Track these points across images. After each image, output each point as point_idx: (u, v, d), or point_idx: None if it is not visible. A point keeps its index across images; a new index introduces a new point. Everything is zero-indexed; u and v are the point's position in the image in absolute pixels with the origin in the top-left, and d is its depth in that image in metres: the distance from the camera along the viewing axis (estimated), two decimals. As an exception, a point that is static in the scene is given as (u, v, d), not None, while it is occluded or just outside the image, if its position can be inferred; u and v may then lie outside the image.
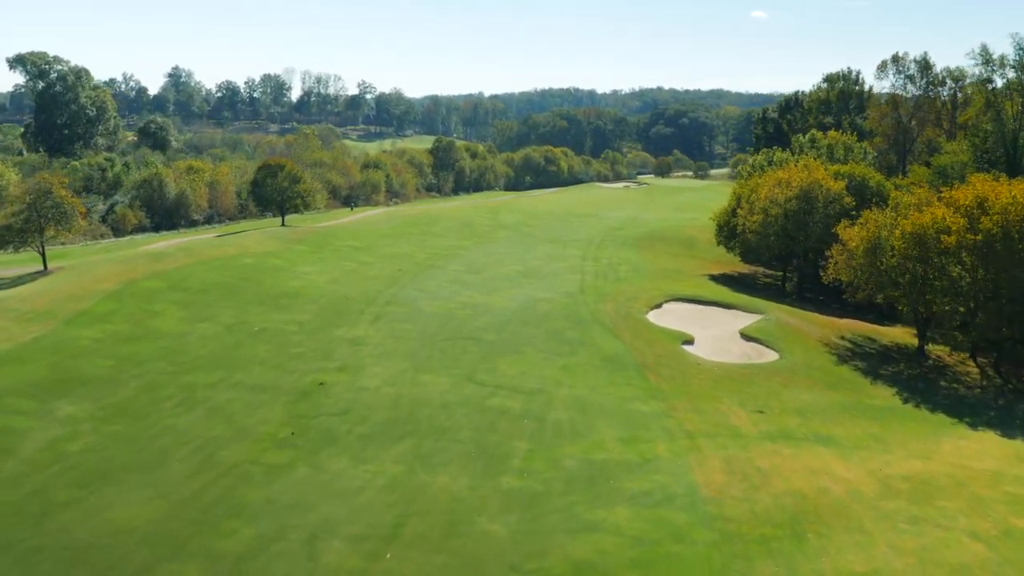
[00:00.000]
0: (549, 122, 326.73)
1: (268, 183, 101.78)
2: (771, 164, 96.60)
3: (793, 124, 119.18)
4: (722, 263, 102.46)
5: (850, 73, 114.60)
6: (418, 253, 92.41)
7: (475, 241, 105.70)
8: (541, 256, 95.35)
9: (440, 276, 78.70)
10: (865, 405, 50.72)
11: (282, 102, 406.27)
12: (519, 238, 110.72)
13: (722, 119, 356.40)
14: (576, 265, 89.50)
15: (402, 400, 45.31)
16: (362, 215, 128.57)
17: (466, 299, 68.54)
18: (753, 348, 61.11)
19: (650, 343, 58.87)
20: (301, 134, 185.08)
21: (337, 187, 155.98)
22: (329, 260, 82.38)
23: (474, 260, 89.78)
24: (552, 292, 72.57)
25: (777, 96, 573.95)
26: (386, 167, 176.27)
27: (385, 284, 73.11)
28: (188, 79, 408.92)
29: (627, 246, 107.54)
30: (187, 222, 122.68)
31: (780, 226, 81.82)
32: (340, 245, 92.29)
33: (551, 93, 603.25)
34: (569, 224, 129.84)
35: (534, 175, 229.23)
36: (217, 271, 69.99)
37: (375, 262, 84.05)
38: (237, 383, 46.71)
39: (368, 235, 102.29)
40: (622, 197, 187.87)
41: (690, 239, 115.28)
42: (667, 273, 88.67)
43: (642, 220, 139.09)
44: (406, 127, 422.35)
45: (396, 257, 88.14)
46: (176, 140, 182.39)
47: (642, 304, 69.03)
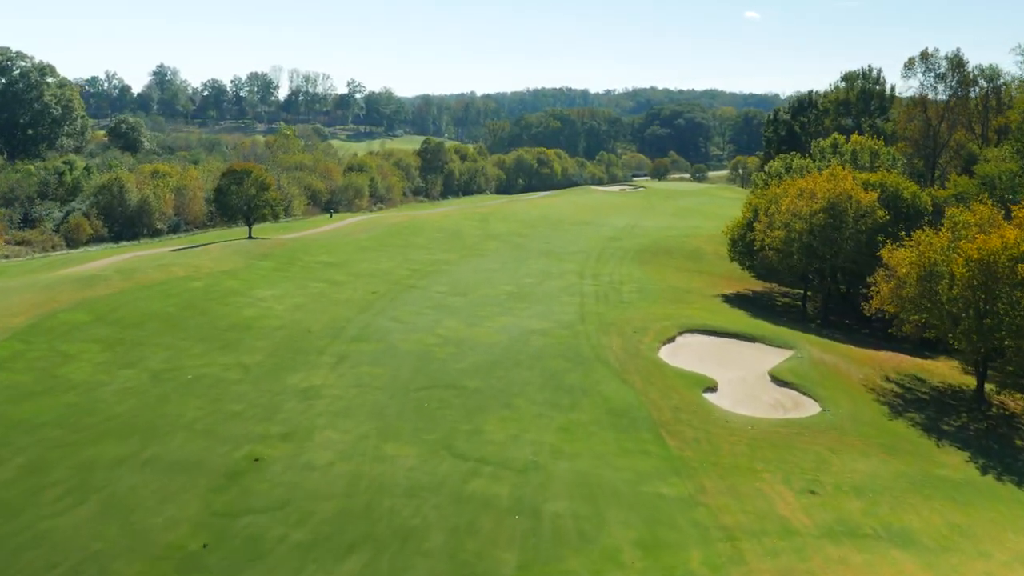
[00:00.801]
0: (542, 122, 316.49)
1: (233, 190, 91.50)
2: (789, 172, 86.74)
3: (807, 127, 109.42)
4: (733, 280, 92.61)
5: (870, 71, 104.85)
6: (398, 270, 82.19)
7: (462, 254, 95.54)
8: (535, 273, 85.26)
9: (420, 300, 68.50)
10: (937, 478, 40.73)
11: (269, 101, 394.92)
12: (511, 251, 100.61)
13: (718, 120, 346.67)
14: (574, 284, 79.42)
15: (358, 484, 35.10)
16: (341, 223, 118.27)
17: (448, 331, 58.33)
18: (787, 396, 51.06)
19: (665, 391, 48.80)
20: (281, 135, 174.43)
21: (317, 192, 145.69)
22: (295, 280, 72.08)
23: (460, 278, 79.62)
24: (548, 321, 62.43)
25: (772, 96, 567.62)
26: (371, 170, 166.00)
27: (356, 311, 62.87)
28: (174, 77, 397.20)
29: (629, 260, 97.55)
30: (150, 231, 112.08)
31: (804, 243, 71.94)
32: (310, 261, 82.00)
33: (544, 93, 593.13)
34: (564, 233, 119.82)
35: (526, 177, 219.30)
36: (157, 299, 59.62)
37: (348, 282, 73.80)
38: (150, 459, 36.43)
39: (344, 248, 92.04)
40: (619, 202, 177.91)
41: (696, 251, 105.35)
42: (676, 294, 78.70)
43: (642, 229, 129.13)
44: (396, 127, 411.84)
45: (373, 275, 77.92)
46: (149, 141, 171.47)
47: (653, 337, 58.92)
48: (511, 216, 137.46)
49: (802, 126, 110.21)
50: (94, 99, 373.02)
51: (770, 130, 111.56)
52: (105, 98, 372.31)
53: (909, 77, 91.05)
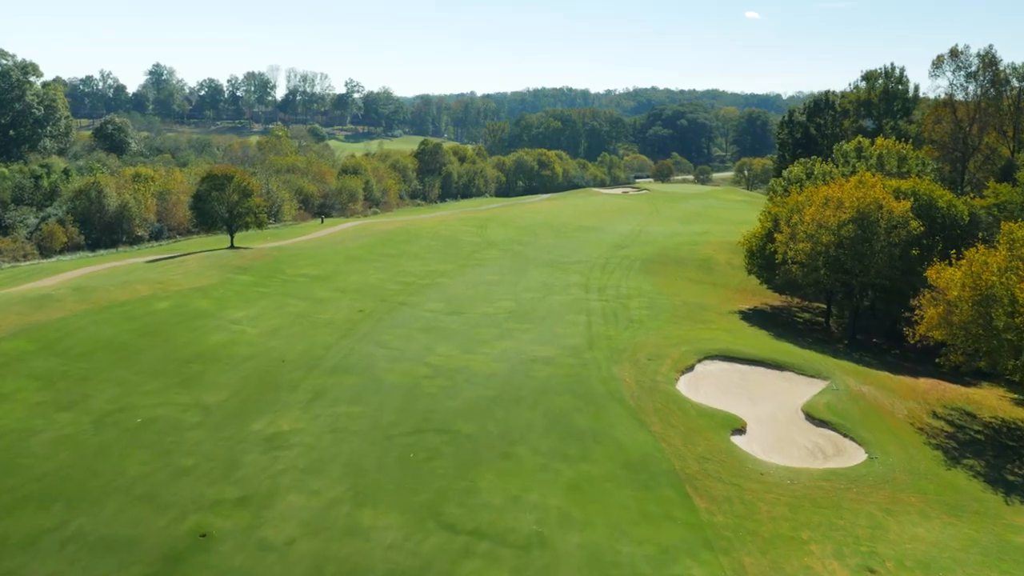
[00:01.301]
0: (542, 123, 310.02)
1: (213, 197, 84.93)
2: (811, 177, 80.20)
3: (823, 128, 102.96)
4: (748, 292, 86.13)
5: (892, 70, 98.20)
6: (389, 283, 75.67)
7: (459, 265, 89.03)
8: (536, 285, 78.75)
9: (411, 320, 61.96)
10: (1014, 547, 34.24)
11: (266, 101, 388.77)
12: (510, 260, 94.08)
13: (721, 120, 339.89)
14: (579, 299, 72.92)
15: (324, 571, 28.62)
16: (332, 230, 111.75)
17: (440, 359, 51.79)
18: (826, 438, 44.54)
19: (689, 435, 42.27)
20: (273, 136, 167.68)
21: (309, 196, 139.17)
22: (273, 298, 65.55)
23: (456, 293, 73.10)
24: (552, 346, 55.88)
25: (774, 97, 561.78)
26: (366, 172, 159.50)
27: (338, 335, 56.32)
28: (170, 77, 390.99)
29: (636, 270, 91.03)
30: (129, 239, 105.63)
31: (832, 257, 65.45)
32: (293, 274, 75.46)
33: (544, 93, 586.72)
34: (567, 240, 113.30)
35: (527, 180, 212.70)
36: (114, 324, 53.06)
37: (332, 299, 67.27)
38: (73, 536, 29.96)
39: (332, 258, 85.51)
40: (623, 205, 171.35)
41: (707, 261, 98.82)
42: (689, 310, 72.19)
43: (648, 235, 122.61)
44: (395, 127, 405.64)
45: (360, 291, 71.40)
46: (136, 142, 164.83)
47: (670, 366, 52.36)
48: (511, 221, 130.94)
49: (818, 128, 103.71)
50: (89, 99, 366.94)
51: (784, 132, 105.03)
52: (100, 98, 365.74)
53: (937, 76, 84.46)
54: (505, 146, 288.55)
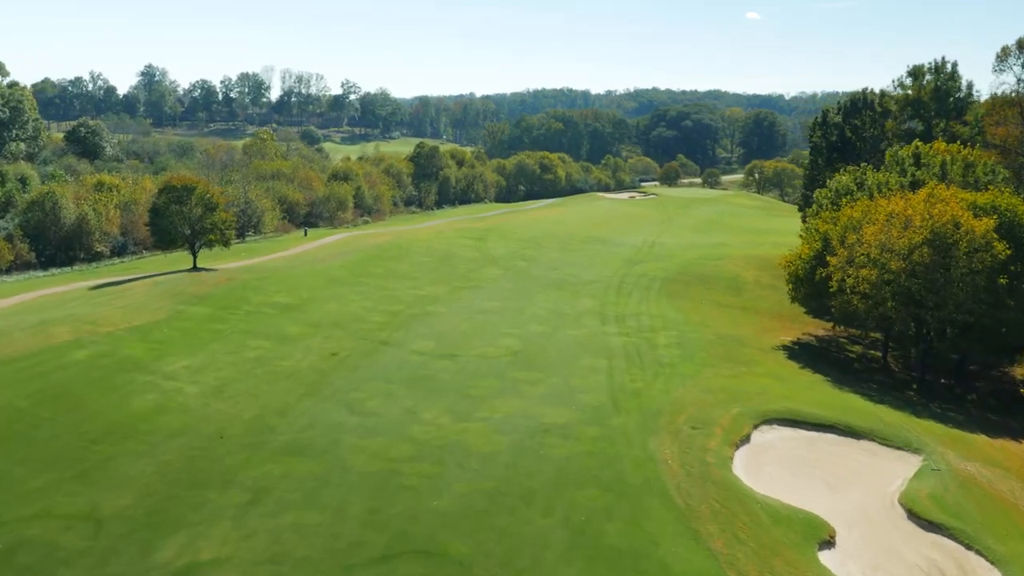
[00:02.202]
0: (543, 124, 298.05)
1: (172, 211, 73.22)
2: (862, 188, 68.49)
3: (860, 131, 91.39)
4: (785, 319, 74.58)
5: (943, 65, 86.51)
6: (372, 314, 64.05)
7: (454, 287, 77.38)
8: (544, 314, 67.16)
9: (393, 367, 50.29)
10: None
11: (261, 102, 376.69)
12: (513, 281, 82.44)
13: (726, 121, 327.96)
14: (595, 334, 61.29)
15: None
16: (314, 244, 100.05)
17: (426, 431, 40.10)
18: (943, 551, 32.83)
19: (761, 553, 30.59)
20: (257, 139, 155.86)
21: (294, 204, 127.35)
22: (230, 338, 53.89)
23: (449, 327, 61.45)
24: (568, 407, 44.16)
25: (777, 97, 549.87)
26: (357, 178, 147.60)
27: (300, 392, 44.66)
28: (162, 78, 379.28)
29: (656, 292, 79.42)
30: (88, 255, 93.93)
31: (902, 287, 53.83)
32: (260, 304, 63.79)
33: (544, 94, 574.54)
34: (575, 254, 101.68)
35: (528, 184, 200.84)
36: (9, 385, 41.28)
37: (301, 337, 55.62)
38: None
39: (308, 281, 73.88)
40: (631, 212, 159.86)
41: (734, 280, 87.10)
42: (726, 347, 60.56)
43: (663, 248, 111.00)
44: (393, 129, 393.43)
45: (337, 325, 59.75)
46: (112, 146, 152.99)
47: (721, 437, 40.64)
48: (512, 232, 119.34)
49: (855, 130, 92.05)
50: (78, 101, 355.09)
51: (818, 135, 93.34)
52: (90, 100, 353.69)
53: (1002, 71, 72.93)
54: (505, 148, 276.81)
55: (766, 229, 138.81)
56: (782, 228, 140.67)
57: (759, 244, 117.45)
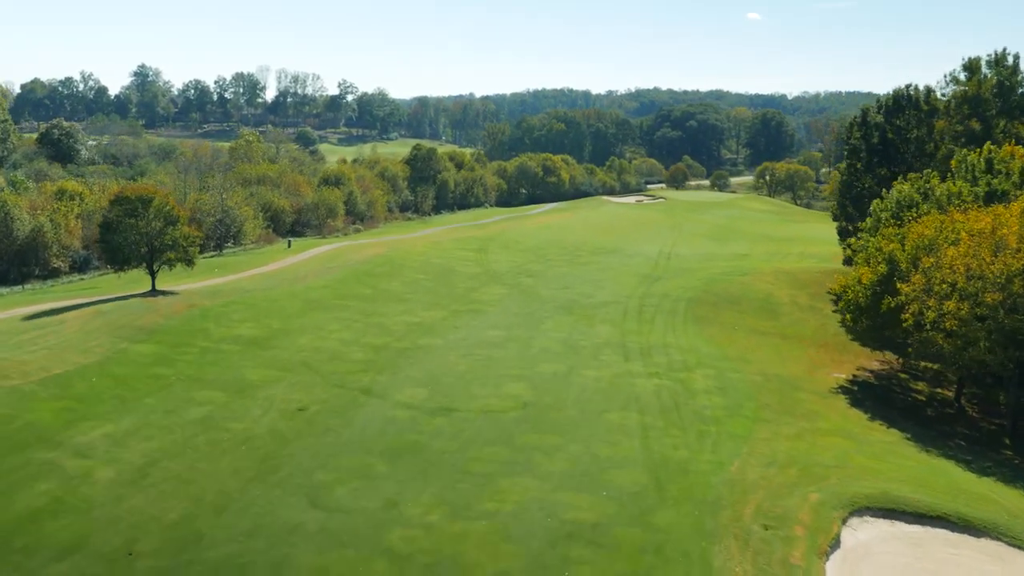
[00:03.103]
0: (545, 124, 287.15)
1: (126, 226, 62.72)
2: (927, 200, 58.03)
3: (905, 132, 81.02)
4: (832, 348, 64.31)
5: (1003, 56, 75.98)
6: (353, 349, 53.63)
7: (452, 311, 66.98)
8: (556, 348, 56.72)
9: (373, 430, 39.85)
10: None
11: (256, 103, 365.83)
12: (518, 302, 72.05)
13: (733, 121, 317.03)
14: (619, 375, 50.85)
15: None
16: (297, 258, 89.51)
17: (409, 536, 29.55)
18: None
19: None
20: (243, 141, 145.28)
21: (279, 212, 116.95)
22: (174, 389, 43.42)
23: (444, 366, 51.04)
24: (595, 492, 33.61)
25: (780, 97, 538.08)
26: (349, 183, 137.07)
27: (250, 474, 34.16)
28: (156, 78, 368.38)
29: (682, 316, 69.04)
30: (44, 271, 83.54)
31: (1001, 323, 43.42)
32: (221, 337, 53.34)
33: (544, 94, 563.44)
34: (585, 268, 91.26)
35: (530, 187, 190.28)
36: None
37: (263, 384, 45.20)
38: None
39: (283, 305, 63.48)
40: (639, 218, 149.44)
41: (766, 299, 76.66)
42: (777, 390, 50.16)
43: (680, 259, 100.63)
44: (391, 130, 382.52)
45: (310, 365, 49.35)
46: (87, 149, 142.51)
47: (803, 542, 30.11)
48: (516, 242, 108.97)
49: (898, 131, 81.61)
50: (68, 102, 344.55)
51: (858, 135, 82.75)
52: (80, 100, 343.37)
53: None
54: (506, 149, 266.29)
55: (787, 237, 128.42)
56: (803, 235, 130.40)
57: (784, 255, 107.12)
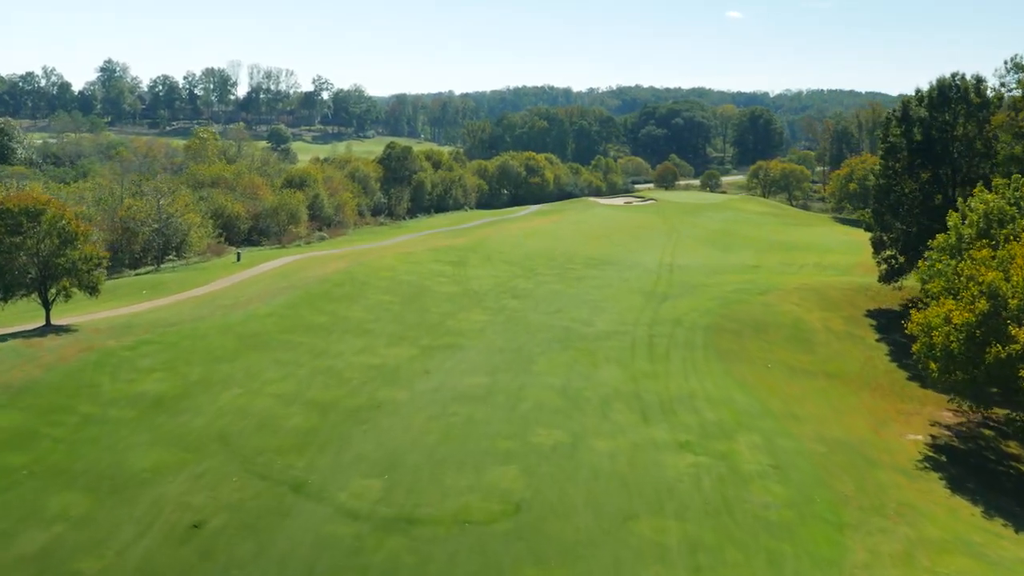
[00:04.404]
0: (526, 122, 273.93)
1: (7, 245, 49.04)
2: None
3: (951, 127, 68.94)
4: (890, 393, 52.03)
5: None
6: (289, 413, 40.39)
7: (421, 349, 53.81)
8: (554, 402, 43.79)
9: (294, 562, 26.78)
10: None
11: (227, 100, 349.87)
12: (504, 333, 59.01)
13: (719, 119, 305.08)
14: (640, 448, 38.00)
15: None
16: (244, 274, 75.85)
17: None
18: None
19: None
20: (196, 138, 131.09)
21: (234, 218, 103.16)
22: (19, 491, 30.09)
23: (407, 437, 37.95)
24: None
25: (762, 95, 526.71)
26: (315, 184, 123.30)
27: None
28: (123, 74, 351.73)
29: (702, 349, 56.35)
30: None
31: None
32: (115, 396, 39.89)
33: (525, 91, 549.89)
34: (581, 285, 78.36)
35: (513, 188, 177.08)
36: None
37: (152, 478, 31.92)
38: None
39: (211, 344, 50.06)
40: (632, 222, 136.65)
41: (797, 326, 64.09)
42: (850, 468, 37.55)
43: (685, 271, 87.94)
44: (367, 127, 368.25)
45: (224, 442, 36.09)
46: (24, 148, 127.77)
47: None
48: (499, 251, 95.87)
49: (942, 128, 69.38)
50: (30, 98, 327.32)
51: (897, 131, 70.44)
52: (42, 96, 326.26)
53: None
54: (486, 147, 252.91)
55: (795, 243, 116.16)
56: (813, 242, 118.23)
57: (799, 266, 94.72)
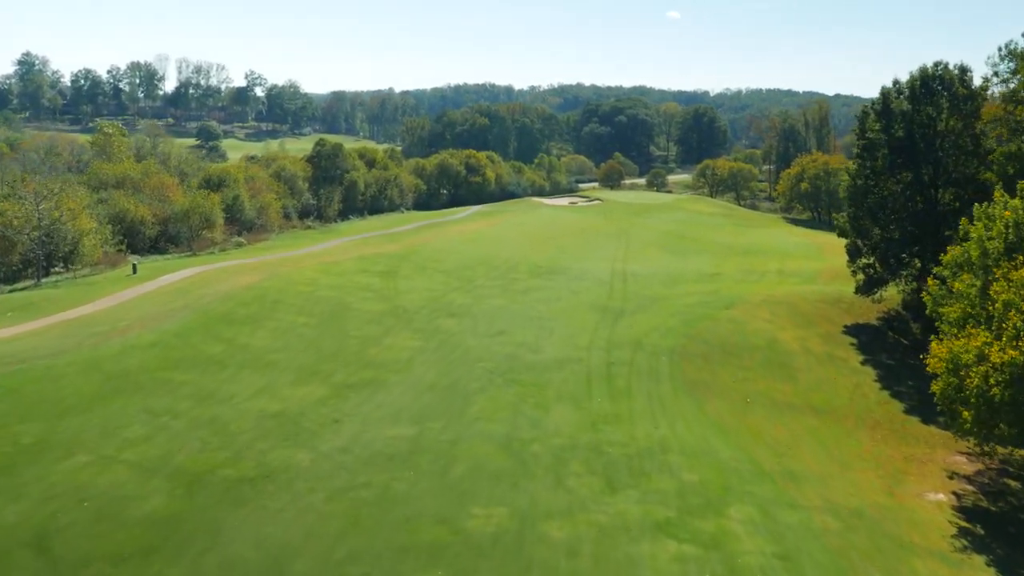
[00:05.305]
0: (467, 119, 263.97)
1: None
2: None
3: (933, 122, 61.61)
4: (887, 429, 44.52)
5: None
6: (142, 493, 30.28)
7: (333, 388, 43.93)
8: (492, 462, 34.47)
9: None
10: None
11: (155, 95, 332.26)
12: (436, 362, 49.44)
13: (663, 117, 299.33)
14: (605, 530, 28.81)
15: None
16: (138, 290, 64.72)
17: None
18: None
19: None
20: (101, 134, 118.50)
21: (138, 223, 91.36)
22: None
23: (298, 526, 28.14)
24: None
25: (702, 94, 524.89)
26: (235, 185, 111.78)
27: None
28: (43, 67, 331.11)
29: (667, 380, 47.64)
30: None
31: None
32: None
33: (466, 89, 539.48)
34: (526, 299, 69.14)
35: (452, 187, 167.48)
36: None
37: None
38: None
39: (64, 388, 39.43)
40: (579, 224, 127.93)
41: (770, 346, 55.81)
42: (870, 543, 28.93)
43: (640, 281, 79.40)
44: (303, 125, 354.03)
45: (38, 544, 25.86)
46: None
47: None
48: (434, 259, 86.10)
49: (925, 123, 61.93)
50: None
51: (876, 127, 62.82)
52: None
53: None
54: (426, 146, 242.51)
55: (752, 247, 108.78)
56: (770, 246, 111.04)
57: (761, 273, 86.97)
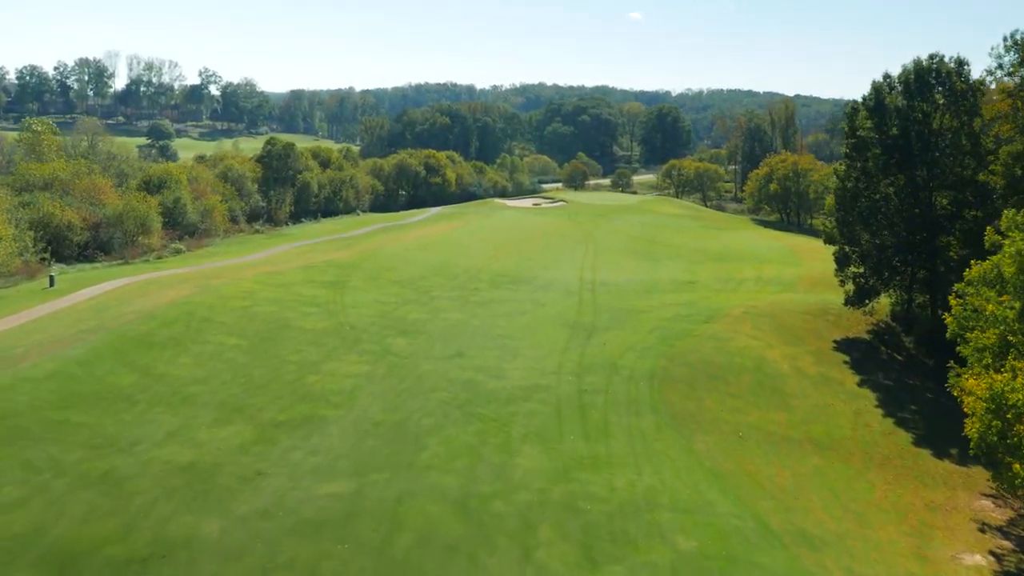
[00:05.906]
0: (428, 118, 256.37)
1: None
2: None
3: (928, 119, 56.44)
4: (902, 470, 38.99)
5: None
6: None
7: (260, 429, 37.09)
8: (445, 531, 28.06)
9: None
10: None
11: (105, 92, 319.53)
12: (383, 393, 42.75)
13: (627, 117, 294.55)
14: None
15: None
16: (52, 305, 56.94)
17: None
18: None
19: None
20: (30, 131, 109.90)
21: (64, 229, 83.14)
22: None
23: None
24: None
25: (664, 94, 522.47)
26: (177, 186, 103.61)
27: None
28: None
29: (649, 413, 41.53)
30: None
31: None
32: None
33: (427, 88, 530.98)
34: (486, 313, 62.62)
35: (411, 189, 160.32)
36: None
37: None
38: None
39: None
40: (543, 227, 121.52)
41: (759, 367, 49.97)
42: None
43: (612, 292, 73.32)
44: (260, 124, 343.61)
45: None
46: None
47: None
48: (388, 268, 79.19)
49: (921, 121, 56.71)
50: None
51: (866, 125, 57.53)
52: None
53: None
54: (385, 145, 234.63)
55: (725, 252, 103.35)
56: (743, 250, 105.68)
57: (738, 281, 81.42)
